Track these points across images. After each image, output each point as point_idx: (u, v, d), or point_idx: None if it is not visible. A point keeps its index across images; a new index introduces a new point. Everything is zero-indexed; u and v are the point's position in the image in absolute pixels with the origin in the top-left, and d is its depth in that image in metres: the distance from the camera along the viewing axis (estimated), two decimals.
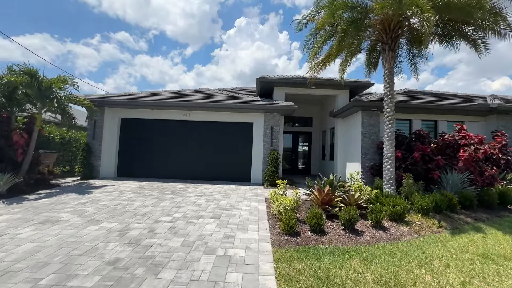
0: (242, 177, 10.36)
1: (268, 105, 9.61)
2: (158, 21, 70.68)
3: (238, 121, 10.38)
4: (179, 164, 10.46)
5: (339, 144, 10.70)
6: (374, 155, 8.83)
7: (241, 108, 9.77)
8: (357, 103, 8.32)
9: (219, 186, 9.11)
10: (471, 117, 9.26)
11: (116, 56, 72.48)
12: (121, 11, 64.85)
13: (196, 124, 10.54)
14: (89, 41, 59.81)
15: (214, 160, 10.44)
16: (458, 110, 8.90)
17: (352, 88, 10.66)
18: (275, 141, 10.01)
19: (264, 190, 8.52)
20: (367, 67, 8.60)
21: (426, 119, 9.23)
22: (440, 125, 9.22)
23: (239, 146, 10.46)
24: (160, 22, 74.13)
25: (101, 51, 68.50)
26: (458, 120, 9.20)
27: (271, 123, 10.05)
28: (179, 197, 6.96)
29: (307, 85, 10.37)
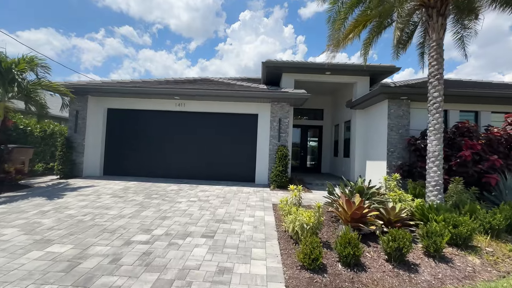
0: (245, 176, 9.03)
1: (276, 93, 8.20)
2: (162, 14, 69.18)
3: (241, 112, 9.01)
4: (174, 162, 9.17)
5: (357, 139, 9.25)
6: (402, 152, 7.38)
7: (244, 97, 8.37)
8: (384, 89, 6.85)
9: (218, 187, 7.80)
10: None
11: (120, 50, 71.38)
12: (124, 4, 63.46)
13: (193, 116, 9.19)
14: (93, 35, 58.77)
15: (213, 157, 9.12)
16: (507, 98, 7.33)
17: (374, 74, 9.15)
18: (283, 136, 8.62)
19: (271, 193, 7.18)
20: (395, 47, 7.09)
21: (466, 110, 7.72)
22: (483, 116, 7.71)
23: (242, 141, 9.11)
24: (164, 15, 72.61)
25: (106, 45, 67.46)
26: (504, 111, 7.66)
27: (279, 115, 8.65)
28: (167, 204, 5.66)
29: (321, 71, 8.92)
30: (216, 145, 9.13)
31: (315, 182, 9.32)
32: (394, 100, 7.44)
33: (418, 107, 7.59)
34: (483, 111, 7.70)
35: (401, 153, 7.37)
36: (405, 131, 7.41)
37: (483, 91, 7.36)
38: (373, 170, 8.19)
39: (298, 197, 4.85)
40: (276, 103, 8.67)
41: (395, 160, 7.37)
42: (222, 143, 9.13)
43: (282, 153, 8.04)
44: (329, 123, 13.36)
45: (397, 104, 7.44)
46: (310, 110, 13.46)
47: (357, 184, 4.90)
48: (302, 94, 8.07)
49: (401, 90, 6.89)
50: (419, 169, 6.57)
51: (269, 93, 8.18)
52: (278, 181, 7.83)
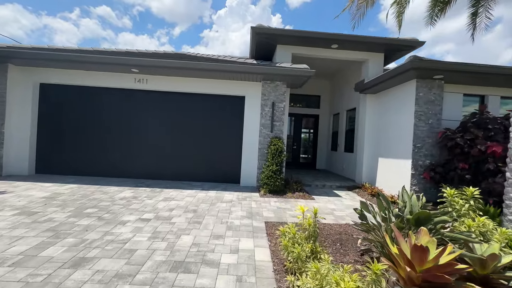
0: (227, 176, 7.07)
1: (270, 68, 6.17)
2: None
3: (223, 93, 6.93)
4: (134, 157, 6.99)
5: (367, 130, 7.52)
6: (432, 149, 5.72)
7: (227, 72, 6.28)
8: (418, 63, 5.05)
9: (190, 193, 5.79)
10: None
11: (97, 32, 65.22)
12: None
13: (159, 97, 6.99)
14: (67, 15, 52.67)
15: (186, 150, 7.04)
16: None
17: (390, 49, 7.36)
18: (277, 125, 6.69)
19: (262, 203, 5.29)
20: (432, 7, 5.27)
21: (506, 96, 6.15)
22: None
23: (223, 131, 7.08)
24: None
25: (81, 26, 61.12)
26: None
27: (272, 98, 6.68)
28: (102, 227, 3.58)
29: (326, 43, 7.00)
30: (190, 136, 7.04)
31: (314, 183, 7.55)
32: (425, 80, 5.70)
33: (452, 90, 5.91)
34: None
35: (429, 149, 5.71)
36: (436, 122, 5.73)
37: None
38: (388, 170, 6.52)
39: (312, 225, 2.91)
40: (269, 82, 6.66)
41: (422, 158, 5.70)
42: (198, 133, 7.05)
43: (276, 147, 6.12)
44: (327, 112, 11.59)
45: (428, 86, 5.71)
46: (304, 97, 11.59)
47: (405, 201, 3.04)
48: (304, 69, 6.11)
49: (442, 65, 5.11)
50: (459, 172, 4.92)
51: (260, 68, 6.14)
52: (271, 185, 5.94)
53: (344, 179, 8.44)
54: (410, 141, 5.73)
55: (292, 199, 5.78)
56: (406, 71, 5.32)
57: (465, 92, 5.97)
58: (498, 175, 4.39)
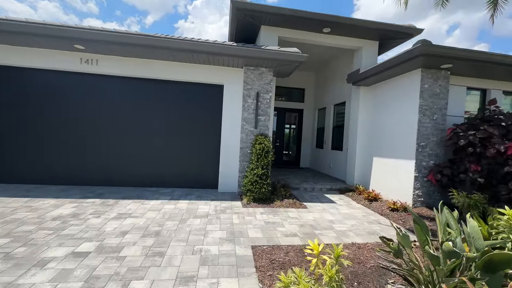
0: (203, 181, 5.94)
1: (254, 51, 5.09)
2: None
3: (197, 80, 5.73)
4: (83, 158, 5.55)
5: (360, 127, 6.80)
6: (436, 148, 5.09)
7: (200, 53, 5.09)
8: (427, 49, 4.29)
9: (154, 204, 4.58)
10: None
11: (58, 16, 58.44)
12: None
13: (117, 83, 5.59)
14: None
15: (151, 149, 5.76)
16: None
17: (385, 37, 6.65)
18: (262, 120, 5.67)
19: (246, 216, 4.27)
20: None
21: (508, 91, 5.73)
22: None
23: (198, 127, 5.90)
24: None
25: (39, 9, 54.18)
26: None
27: (256, 87, 5.62)
28: (1, 276, 2.32)
29: (317, 26, 6.11)
30: (157, 132, 5.77)
31: (302, 185, 6.70)
32: (430, 70, 5.02)
33: (456, 83, 5.32)
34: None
35: (434, 149, 5.08)
36: (441, 118, 5.10)
37: None
38: (386, 171, 5.84)
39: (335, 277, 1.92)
40: (253, 69, 5.59)
41: (426, 159, 5.05)
42: (167, 128, 5.80)
43: (261, 147, 5.10)
44: (312, 107, 10.83)
45: (434, 77, 5.04)
46: (287, 90, 10.70)
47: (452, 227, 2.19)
48: (295, 53, 5.12)
49: (457, 52, 4.40)
50: (471, 175, 4.31)
51: (242, 49, 5.03)
52: (256, 192, 4.94)
53: (333, 180, 7.72)
54: (414, 139, 5.05)
55: (281, 209, 4.84)
56: (413, 58, 4.57)
57: (469, 85, 5.43)
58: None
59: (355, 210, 5.05)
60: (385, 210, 5.00)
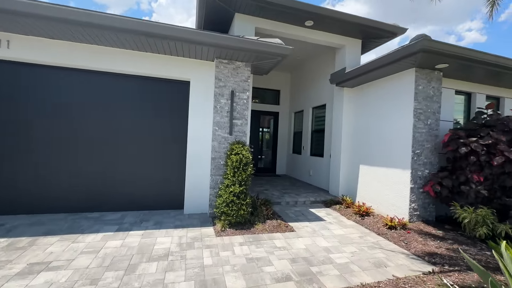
0: (164, 200, 4.74)
1: (230, 40, 4.09)
2: None
3: (156, 75, 4.54)
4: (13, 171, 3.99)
5: (344, 131, 6.21)
6: (431, 156, 4.63)
7: (162, 38, 3.94)
8: (428, 45, 3.76)
9: (91, 241, 3.29)
10: None
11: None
12: None
13: (45, 74, 4.15)
14: None
15: (96, 162, 4.40)
16: None
17: (369, 35, 6.18)
18: (239, 124, 4.70)
19: (221, 250, 3.23)
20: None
21: (491, 95, 5.59)
22: (507, 104, 5.74)
23: (157, 132, 4.70)
24: None
25: None
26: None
27: (231, 84, 4.64)
28: None
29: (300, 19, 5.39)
30: (102, 140, 4.43)
31: (284, 198, 5.86)
32: (424, 70, 4.55)
33: (446, 85, 4.97)
34: (507, 98, 5.75)
35: (428, 157, 4.61)
36: (435, 122, 4.66)
37: None
38: (375, 181, 5.28)
39: None
40: (226, 62, 4.60)
41: (421, 168, 4.56)
42: (118, 135, 4.50)
43: (239, 157, 4.12)
44: (287, 109, 10.16)
45: (427, 78, 4.59)
46: (261, 91, 9.89)
47: None
48: (278, 45, 4.26)
49: (456, 49, 3.93)
50: (475, 187, 3.86)
51: (215, 36, 4.00)
52: (233, 215, 3.92)
53: (316, 190, 7.03)
54: (409, 146, 4.52)
55: (265, 234, 3.90)
56: (412, 54, 4.02)
57: (457, 88, 5.13)
58: None
59: (349, 230, 4.34)
60: (382, 228, 4.37)
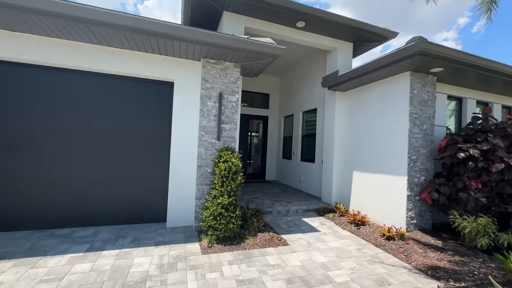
0: (145, 212, 4.29)
1: (217, 37, 3.77)
2: None
3: (137, 74, 4.13)
4: None
5: (337, 136, 6.02)
6: (426, 162, 4.49)
7: (140, 32, 3.56)
8: (426, 47, 3.62)
9: (55, 263, 2.80)
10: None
11: None
12: None
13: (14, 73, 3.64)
14: None
15: (65, 170, 3.90)
16: None
17: (360, 38, 6.07)
18: (228, 129, 4.36)
19: (208, 271, 2.84)
20: None
21: (481, 100, 5.58)
22: (495, 109, 5.77)
23: (138, 138, 4.27)
24: None
25: None
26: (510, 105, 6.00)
27: (219, 86, 4.30)
28: None
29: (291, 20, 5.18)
30: (76, 145, 3.95)
31: (275, 207, 5.55)
32: (418, 73, 4.43)
33: (440, 90, 4.89)
34: (496, 104, 5.78)
35: (424, 163, 4.47)
36: (430, 127, 4.54)
37: None
38: (370, 188, 5.09)
39: None
40: (214, 62, 4.27)
41: (417, 175, 4.40)
42: (93, 140, 4.03)
43: (227, 165, 3.77)
44: (276, 113, 9.93)
45: (422, 82, 4.47)
46: (250, 94, 9.62)
47: None
48: (270, 45, 3.99)
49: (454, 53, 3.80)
50: (473, 194, 3.72)
51: (202, 34, 3.68)
52: (221, 229, 3.56)
53: (307, 197, 6.77)
54: (405, 152, 4.36)
55: (256, 250, 3.56)
56: (409, 57, 3.87)
57: (449, 93, 5.07)
58: None
59: (345, 241, 4.08)
60: (379, 238, 4.15)
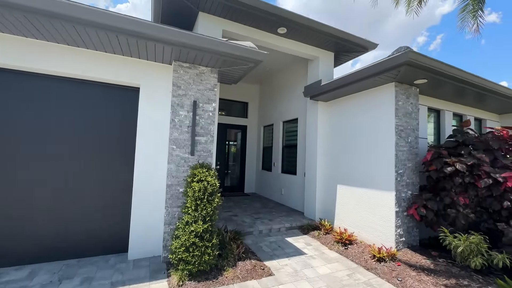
0: (101, 241, 3.56)
1: (191, 37, 3.30)
2: None
3: (94, 77, 3.48)
4: None
5: (320, 148, 5.76)
6: (412, 175, 4.35)
7: (102, 28, 2.97)
8: (414, 57, 3.47)
9: None
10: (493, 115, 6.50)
11: None
12: None
13: None
14: None
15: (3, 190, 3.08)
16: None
17: (341, 48, 5.97)
18: (203, 142, 3.84)
19: None
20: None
21: (456, 112, 5.69)
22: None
23: (95, 152, 3.57)
24: None
25: None
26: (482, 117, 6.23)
27: (194, 93, 3.80)
28: None
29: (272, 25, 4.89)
30: (10, 158, 3.15)
31: (256, 226, 5.06)
32: (402, 85, 4.33)
33: (422, 102, 4.85)
34: (469, 116, 5.94)
35: (410, 176, 4.32)
36: (414, 140, 4.43)
37: None
38: (355, 202, 4.84)
39: None
40: (188, 66, 3.77)
41: (404, 189, 4.22)
42: (35, 153, 3.26)
43: (202, 186, 3.24)
44: (255, 123, 9.56)
45: (406, 94, 4.37)
46: (228, 102, 9.17)
47: None
48: (251, 49, 3.60)
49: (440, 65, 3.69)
50: (462, 210, 3.58)
51: (174, 33, 3.18)
52: (195, 262, 2.99)
53: (289, 212, 6.38)
54: (392, 166, 4.17)
55: (236, 285, 3.04)
56: (396, 67, 3.72)
57: (429, 105, 5.07)
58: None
59: (334, 265, 3.71)
60: (369, 260, 3.84)
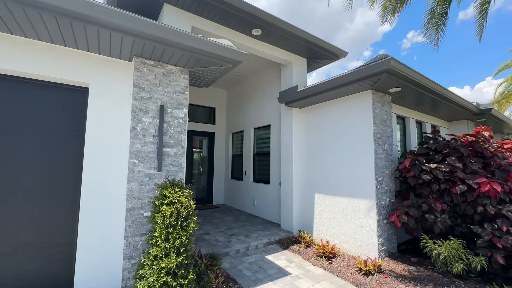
0: (36, 284, 2.66)
1: (158, 28, 2.73)
2: None
3: (26, 73, 2.64)
4: None
5: (296, 156, 5.55)
6: (389, 182, 4.37)
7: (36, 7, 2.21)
8: (395, 66, 3.46)
9: None
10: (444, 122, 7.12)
11: None
12: None
13: None
14: None
15: None
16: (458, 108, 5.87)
17: (315, 54, 5.92)
18: (172, 154, 3.24)
19: None
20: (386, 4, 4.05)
21: (417, 119, 6.04)
22: (427, 128, 6.35)
23: (30, 169, 2.69)
24: None
25: None
26: (436, 124, 6.77)
27: (160, 96, 3.19)
28: None
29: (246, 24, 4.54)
30: None
31: (231, 245, 4.55)
32: (378, 93, 4.36)
33: (393, 110, 4.99)
34: (427, 123, 6.38)
35: (388, 183, 4.34)
36: (390, 147, 4.48)
37: None
38: (335, 211, 4.70)
39: None
40: (152, 64, 3.16)
41: (383, 197, 4.20)
42: None
43: (174, 209, 2.64)
44: (223, 130, 9.05)
45: (381, 101, 4.41)
46: (192, 107, 8.50)
47: None
48: (229, 47, 3.16)
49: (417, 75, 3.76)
50: (439, 215, 3.66)
51: (135, 20, 2.58)
52: None
53: (265, 225, 6.00)
54: (372, 174, 4.12)
55: None
56: (373, 75, 3.67)
57: (397, 113, 5.26)
58: (496, 220, 3.35)
59: (322, 284, 3.42)
60: (356, 274, 3.66)
